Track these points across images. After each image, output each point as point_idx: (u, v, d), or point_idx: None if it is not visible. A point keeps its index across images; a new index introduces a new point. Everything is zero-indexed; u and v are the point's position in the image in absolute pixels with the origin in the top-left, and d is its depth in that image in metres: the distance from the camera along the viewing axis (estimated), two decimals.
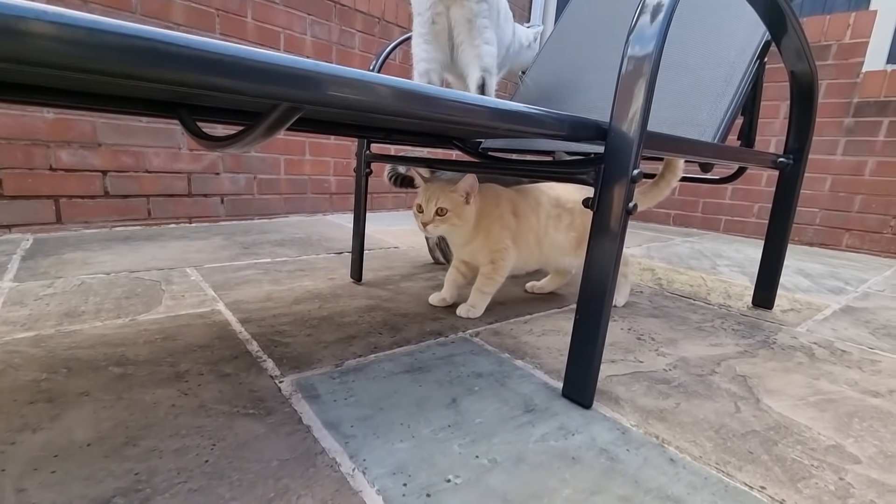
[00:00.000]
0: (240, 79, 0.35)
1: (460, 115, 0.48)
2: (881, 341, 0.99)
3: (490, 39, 0.72)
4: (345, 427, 0.55)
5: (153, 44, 0.31)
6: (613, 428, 0.59)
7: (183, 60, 0.32)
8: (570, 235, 0.99)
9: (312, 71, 0.38)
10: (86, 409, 0.55)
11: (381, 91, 0.41)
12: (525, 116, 0.53)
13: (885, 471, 0.54)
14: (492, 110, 0.50)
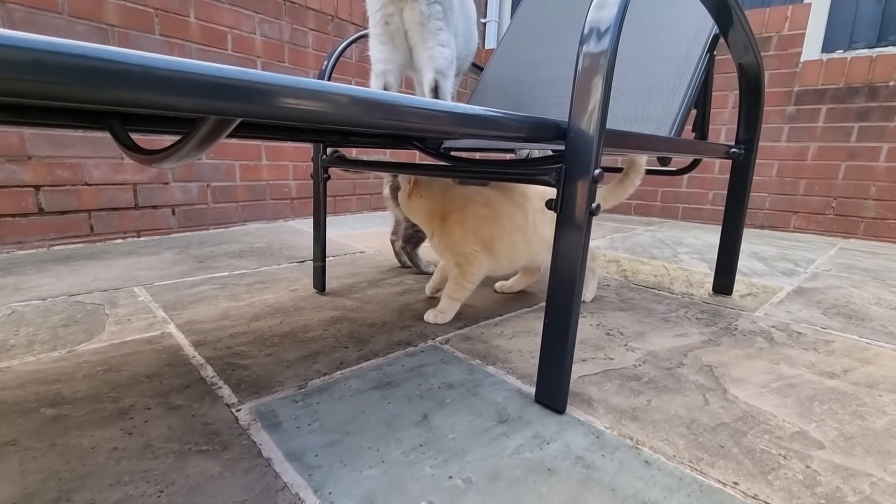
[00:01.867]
0: (148, 91, 0.31)
1: (416, 121, 0.45)
2: (832, 321, 1.04)
3: (444, 41, 0.70)
4: (308, 457, 0.52)
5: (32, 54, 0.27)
6: (588, 432, 0.58)
7: (71, 72, 0.28)
8: None
9: (235, 80, 0.34)
10: (11, 462, 0.49)
11: (317, 99, 0.38)
12: (483, 119, 0.50)
13: (847, 454, 0.56)
14: (449, 115, 0.47)
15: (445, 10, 0.70)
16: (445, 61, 0.70)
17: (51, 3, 1.38)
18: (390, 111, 0.41)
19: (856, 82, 2.08)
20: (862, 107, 2.07)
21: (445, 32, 0.70)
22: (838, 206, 2.17)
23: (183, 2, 1.66)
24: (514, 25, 1.46)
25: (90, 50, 0.29)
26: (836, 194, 2.17)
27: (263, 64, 1.93)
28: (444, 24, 0.70)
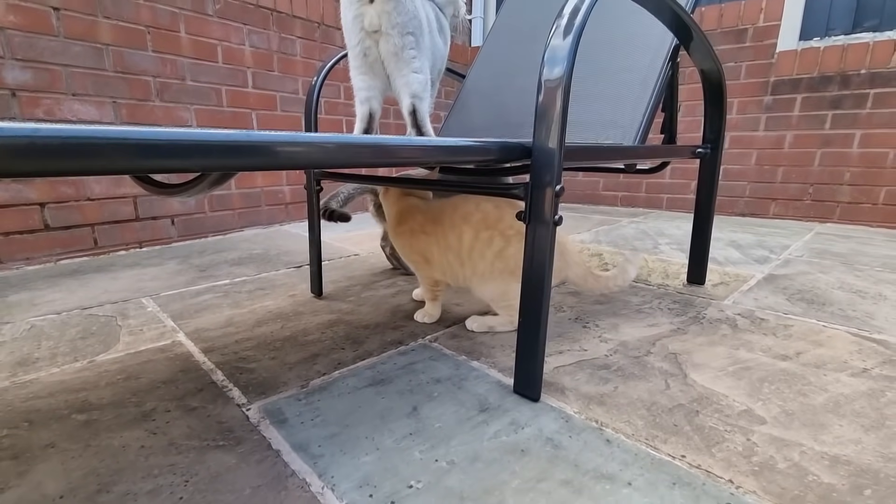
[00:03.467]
0: (162, 159, 0.37)
1: (397, 158, 0.52)
2: (795, 306, 1.12)
3: (418, 68, 0.76)
4: (313, 447, 0.59)
5: (60, 141, 0.33)
6: (558, 417, 0.66)
7: (105, 151, 0.35)
8: (494, 266, 0.88)
9: (240, 141, 0.41)
10: (54, 462, 0.57)
11: (305, 151, 0.44)
12: (457, 149, 0.57)
13: (785, 427, 0.64)
14: (427, 149, 0.54)
15: (417, 38, 0.76)
16: (420, 85, 0.77)
17: (47, 26, 1.43)
18: (374, 152, 0.48)
19: (829, 71, 2.15)
20: (835, 95, 2.15)
21: (419, 59, 0.76)
22: (815, 192, 2.25)
23: (173, 18, 1.71)
24: (494, 30, 1.52)
25: (120, 133, 0.35)
26: (812, 181, 2.25)
27: (253, 74, 1.98)
28: (417, 51, 0.76)
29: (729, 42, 2.36)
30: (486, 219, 0.87)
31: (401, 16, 0.74)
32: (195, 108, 1.81)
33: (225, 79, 1.89)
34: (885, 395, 0.72)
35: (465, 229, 0.89)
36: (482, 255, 0.88)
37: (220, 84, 1.88)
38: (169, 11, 1.69)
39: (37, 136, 0.31)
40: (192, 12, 1.76)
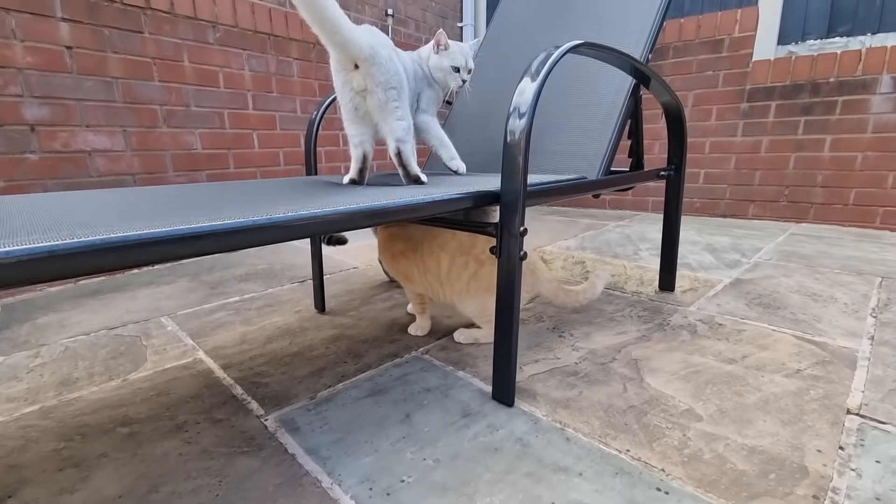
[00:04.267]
0: (180, 248, 0.46)
1: (387, 218, 0.64)
2: (752, 311, 1.24)
3: (401, 116, 0.88)
4: (322, 451, 0.71)
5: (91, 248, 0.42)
6: (529, 420, 0.78)
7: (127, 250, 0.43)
8: (470, 286, 1.00)
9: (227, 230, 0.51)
10: (108, 468, 0.69)
11: (312, 223, 0.55)
12: (441, 202, 0.69)
13: (717, 424, 0.76)
14: (411, 207, 0.66)
15: (399, 91, 0.88)
16: (403, 131, 0.89)
17: (61, 64, 1.54)
18: (368, 215, 0.59)
19: (800, 79, 2.26)
20: (807, 102, 2.26)
21: (401, 109, 0.88)
22: (790, 194, 2.37)
23: (177, 48, 1.82)
24: (479, 59, 1.63)
25: (121, 239, 0.47)
26: (787, 183, 2.37)
27: (253, 96, 2.09)
28: (399, 101, 0.88)
29: (707, 52, 2.47)
30: (460, 246, 0.99)
31: (383, 75, 0.85)
32: (199, 131, 1.92)
33: (227, 102, 2.00)
34: (809, 393, 0.84)
35: (442, 255, 1.01)
36: (458, 277, 1.00)
37: (222, 108, 1.99)
38: (173, 43, 1.80)
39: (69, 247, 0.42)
40: (194, 42, 1.86)
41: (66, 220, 0.52)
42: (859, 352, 1.00)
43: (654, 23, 1.11)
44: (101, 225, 0.47)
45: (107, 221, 0.49)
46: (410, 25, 3.49)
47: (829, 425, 0.75)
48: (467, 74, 1.06)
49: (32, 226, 0.48)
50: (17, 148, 1.48)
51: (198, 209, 0.59)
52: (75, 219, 0.52)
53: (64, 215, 0.56)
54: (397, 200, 0.65)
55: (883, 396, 0.83)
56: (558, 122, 1.16)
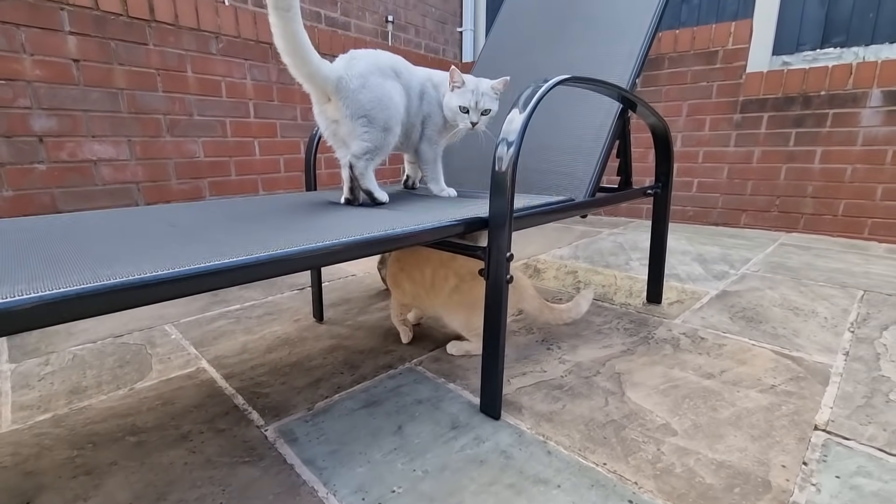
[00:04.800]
0: (180, 287, 0.50)
1: (381, 248, 0.68)
2: (735, 324, 1.29)
3: (367, 139, 0.94)
4: (318, 462, 0.76)
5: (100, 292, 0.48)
6: (513, 433, 0.83)
7: (132, 293, 0.47)
8: (452, 299, 1.05)
9: (257, 261, 0.56)
10: (119, 476, 0.74)
11: (309, 258, 0.60)
12: (430, 231, 0.74)
13: (690, 438, 0.81)
14: (406, 236, 0.70)
15: (370, 118, 0.93)
16: (361, 150, 0.95)
17: (69, 77, 1.58)
18: (363, 246, 0.64)
19: (792, 92, 2.30)
20: (798, 114, 2.30)
21: (370, 133, 0.94)
22: (781, 204, 2.42)
23: (181, 59, 1.86)
24: (477, 67, 1.66)
25: (134, 281, 0.51)
26: (778, 193, 2.41)
27: (255, 105, 2.14)
28: (370, 127, 0.94)
29: (701, 63, 2.51)
30: (441, 259, 1.05)
31: (349, 107, 0.92)
32: (202, 140, 1.97)
33: (229, 111, 2.04)
34: (780, 408, 0.89)
35: (426, 267, 1.07)
36: (441, 290, 1.07)
37: (224, 116, 2.03)
38: (176, 54, 1.84)
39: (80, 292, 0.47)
40: (198, 52, 1.91)
41: (81, 253, 0.56)
42: (833, 367, 1.04)
43: (639, 52, 1.15)
44: (122, 262, 0.51)
45: (122, 257, 0.54)
46: (410, 31, 3.53)
47: (796, 441, 0.80)
48: (479, 116, 1.02)
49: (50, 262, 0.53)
50: (25, 158, 1.52)
51: (202, 239, 0.64)
52: (93, 251, 0.57)
53: (76, 249, 0.60)
54: (390, 231, 0.69)
55: (850, 413, 0.87)
56: (550, 143, 1.20)
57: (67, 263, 0.51)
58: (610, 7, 1.30)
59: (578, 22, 1.36)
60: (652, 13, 1.18)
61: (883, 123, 2.11)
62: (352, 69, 0.93)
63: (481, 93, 1.01)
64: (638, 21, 1.19)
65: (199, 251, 0.55)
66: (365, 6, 3.13)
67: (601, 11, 1.31)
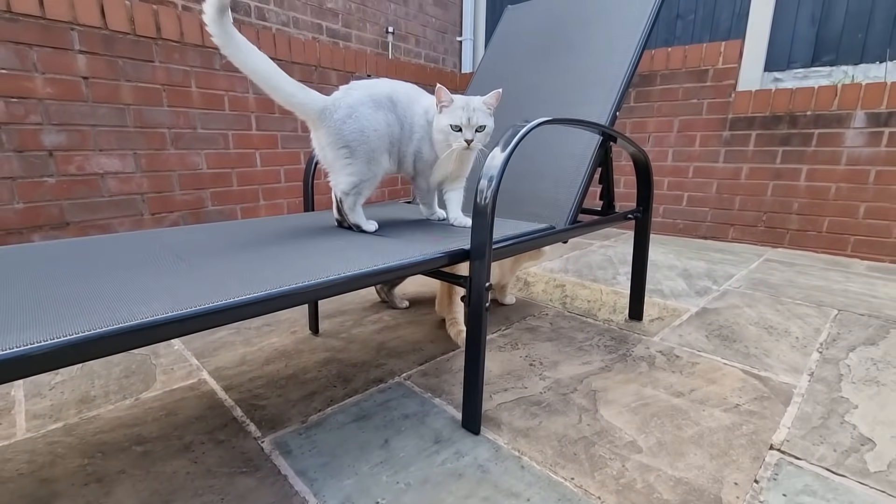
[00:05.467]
0: (188, 327, 0.58)
1: (373, 280, 0.75)
2: (710, 343, 1.35)
3: (352, 171, 0.99)
4: (310, 473, 0.83)
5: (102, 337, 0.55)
6: (491, 448, 0.89)
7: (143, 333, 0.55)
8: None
9: (264, 298, 0.63)
10: (127, 485, 0.80)
11: (300, 294, 0.66)
12: (417, 263, 0.80)
13: (654, 456, 0.87)
14: (395, 269, 0.77)
15: (352, 149, 0.98)
16: (346, 185, 1.01)
17: (78, 93, 1.65)
18: (353, 282, 0.71)
19: (779, 111, 2.36)
20: (785, 133, 2.37)
21: (354, 165, 0.99)
22: (768, 220, 2.48)
23: (185, 75, 1.92)
24: (475, 79, 1.70)
25: (136, 325, 0.58)
26: (765, 209, 2.48)
27: (257, 117, 2.20)
28: (352, 159, 0.99)
29: (692, 81, 2.57)
30: None
31: (331, 136, 0.98)
32: (205, 152, 2.04)
33: (231, 124, 2.11)
34: (741, 428, 0.96)
35: None
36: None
37: (227, 129, 2.10)
38: (181, 70, 1.91)
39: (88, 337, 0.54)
40: (202, 68, 1.97)
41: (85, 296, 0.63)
42: (797, 388, 1.11)
43: (619, 88, 1.22)
44: (136, 301, 0.58)
45: (135, 295, 0.61)
46: (410, 41, 3.59)
47: (751, 460, 0.86)
48: (473, 133, 0.99)
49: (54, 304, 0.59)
50: (36, 172, 1.59)
51: (207, 276, 0.71)
52: (105, 289, 0.64)
53: (79, 292, 0.67)
54: (380, 265, 0.76)
55: (805, 433, 0.94)
56: (534, 169, 1.27)
57: (85, 303, 0.58)
58: (594, 41, 1.36)
59: (565, 51, 1.42)
60: (631, 53, 1.24)
61: (866, 144, 2.18)
62: (344, 99, 0.98)
63: (473, 108, 0.98)
64: (619, 58, 1.25)
65: (203, 290, 0.62)
66: (366, 17, 3.19)
67: (586, 43, 1.38)
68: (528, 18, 1.59)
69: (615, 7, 1.34)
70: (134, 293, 0.61)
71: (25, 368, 0.45)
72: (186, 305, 0.56)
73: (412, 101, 1.05)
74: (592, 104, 1.24)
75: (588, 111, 1.25)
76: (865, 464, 0.85)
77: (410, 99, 1.05)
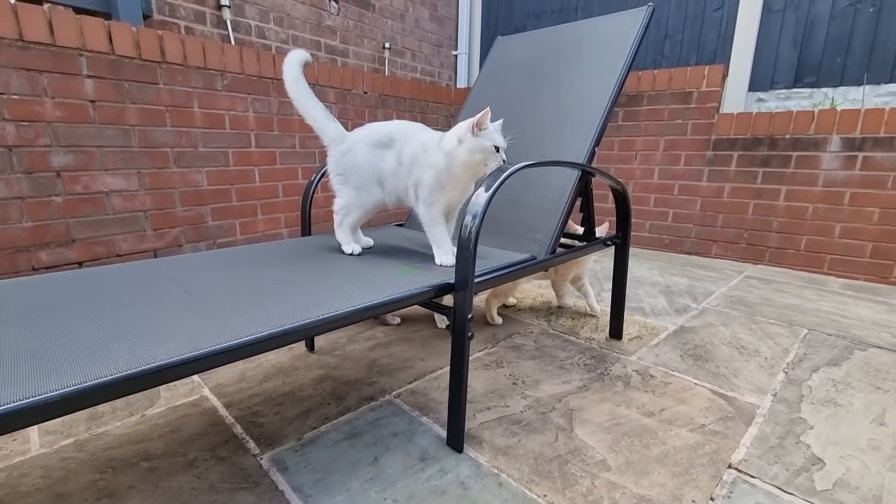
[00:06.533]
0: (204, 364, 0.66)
1: (365, 315, 0.83)
2: (683, 362, 1.43)
3: (342, 195, 1.17)
4: (305, 489, 0.90)
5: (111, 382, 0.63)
6: (473, 465, 0.97)
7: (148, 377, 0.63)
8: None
9: (225, 350, 0.70)
10: (136, 499, 0.87)
11: (292, 334, 0.74)
12: (403, 300, 0.88)
13: (621, 474, 0.95)
14: (381, 304, 0.85)
15: (346, 178, 1.15)
16: (337, 206, 1.19)
17: (85, 116, 1.72)
18: (346, 318, 0.78)
19: (760, 134, 2.46)
20: (765, 154, 2.46)
21: (343, 189, 1.17)
22: (749, 237, 2.58)
23: (188, 96, 2.00)
24: (466, 108, 1.79)
25: (133, 373, 0.65)
26: (746, 227, 2.57)
27: (256, 136, 2.28)
28: (344, 185, 1.16)
29: (677, 102, 2.67)
30: None
31: (332, 163, 1.18)
32: (206, 170, 2.11)
33: (232, 142, 2.18)
34: (704, 447, 1.04)
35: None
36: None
37: (227, 147, 2.17)
38: (184, 91, 1.98)
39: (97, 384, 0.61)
40: (204, 89, 2.04)
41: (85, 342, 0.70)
42: (760, 408, 1.19)
43: (598, 125, 1.30)
44: (152, 343, 0.65)
45: (149, 336, 0.68)
46: (407, 56, 3.68)
47: (710, 478, 0.94)
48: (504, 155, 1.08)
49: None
50: (44, 192, 1.66)
51: (213, 314, 0.78)
52: (121, 330, 0.71)
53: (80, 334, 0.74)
54: (372, 301, 0.84)
55: (762, 453, 1.02)
56: (521, 198, 1.35)
57: (103, 347, 0.65)
58: (576, 77, 1.45)
59: (551, 84, 1.51)
60: (609, 94, 1.33)
61: (841, 167, 2.28)
62: (351, 135, 1.18)
63: (499, 131, 1.08)
64: (597, 96, 1.34)
65: (213, 329, 0.70)
66: (363, 34, 3.28)
67: (569, 79, 1.46)
68: (517, 50, 1.68)
69: (596, 48, 1.43)
70: (153, 333, 0.68)
71: (66, 408, 0.52)
72: (200, 346, 0.63)
73: (409, 137, 1.15)
74: (573, 139, 1.33)
75: (569, 145, 1.33)
76: (813, 482, 0.93)
77: (408, 136, 1.15)
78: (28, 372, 0.56)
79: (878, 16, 2.52)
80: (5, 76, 1.52)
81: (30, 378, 0.54)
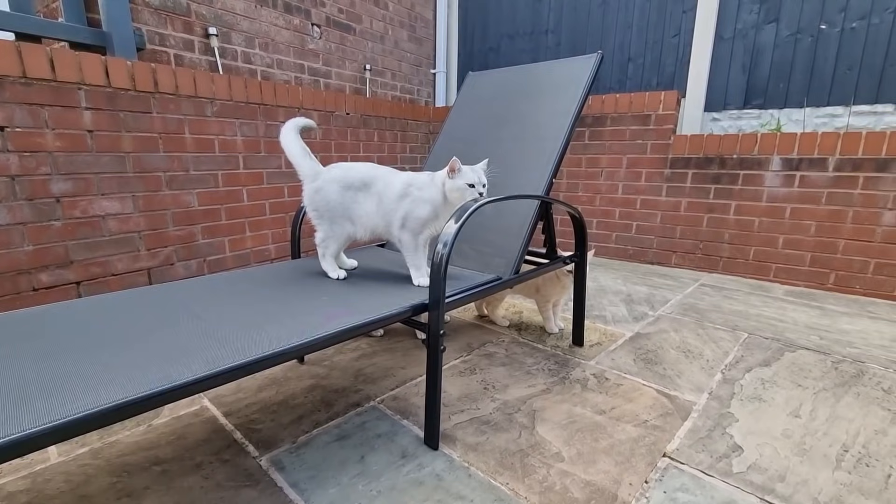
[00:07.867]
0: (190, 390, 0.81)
1: (347, 336, 0.97)
2: (635, 366, 1.62)
3: (319, 229, 1.32)
4: (301, 485, 1.04)
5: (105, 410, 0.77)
6: (447, 460, 1.13)
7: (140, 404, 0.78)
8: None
9: (224, 371, 0.85)
10: (152, 498, 1.00)
11: (281, 355, 0.89)
12: (384, 319, 1.03)
13: (573, 464, 1.12)
14: (364, 324, 1.00)
15: (319, 213, 1.30)
16: (317, 238, 1.34)
17: (83, 145, 1.82)
18: (336, 338, 0.93)
19: (710, 154, 2.70)
20: (716, 172, 2.70)
21: (319, 223, 1.32)
22: (704, 248, 2.81)
23: (179, 123, 2.11)
24: (438, 144, 1.96)
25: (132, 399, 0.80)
26: (702, 238, 2.80)
27: (244, 157, 2.40)
28: (319, 220, 1.31)
29: (638, 124, 2.89)
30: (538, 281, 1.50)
31: (306, 199, 1.32)
32: (197, 191, 2.22)
33: (221, 165, 2.30)
34: (645, 439, 1.21)
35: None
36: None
37: (217, 170, 2.29)
38: (176, 119, 2.09)
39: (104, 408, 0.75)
40: (195, 116, 2.16)
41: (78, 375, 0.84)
42: (696, 405, 1.38)
43: (555, 159, 1.49)
44: (162, 366, 0.79)
45: (159, 361, 0.82)
46: (387, 75, 3.84)
47: (646, 465, 1.12)
48: (482, 188, 1.27)
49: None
50: (44, 217, 1.75)
51: (222, 336, 0.92)
52: (137, 362, 0.85)
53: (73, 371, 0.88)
54: (356, 321, 0.99)
55: (693, 443, 1.21)
56: (491, 223, 1.52)
57: (141, 364, 0.79)
58: (538, 114, 1.63)
59: (515, 120, 1.69)
60: (563, 133, 1.51)
61: (782, 185, 2.52)
62: (323, 174, 1.30)
63: (478, 171, 1.29)
64: (554, 134, 1.52)
65: (227, 351, 0.84)
66: (345, 56, 3.43)
67: (532, 115, 1.65)
68: (487, 86, 1.86)
69: (553, 89, 1.61)
70: (177, 354, 0.82)
71: (120, 415, 0.66)
72: (218, 364, 0.77)
73: (388, 180, 1.31)
74: (533, 171, 1.50)
75: (530, 176, 1.51)
76: (731, 466, 1.12)
77: (387, 181, 1.31)
78: (82, 389, 0.69)
79: (815, 45, 2.79)
80: (9, 111, 1.62)
81: (84, 394, 0.68)
